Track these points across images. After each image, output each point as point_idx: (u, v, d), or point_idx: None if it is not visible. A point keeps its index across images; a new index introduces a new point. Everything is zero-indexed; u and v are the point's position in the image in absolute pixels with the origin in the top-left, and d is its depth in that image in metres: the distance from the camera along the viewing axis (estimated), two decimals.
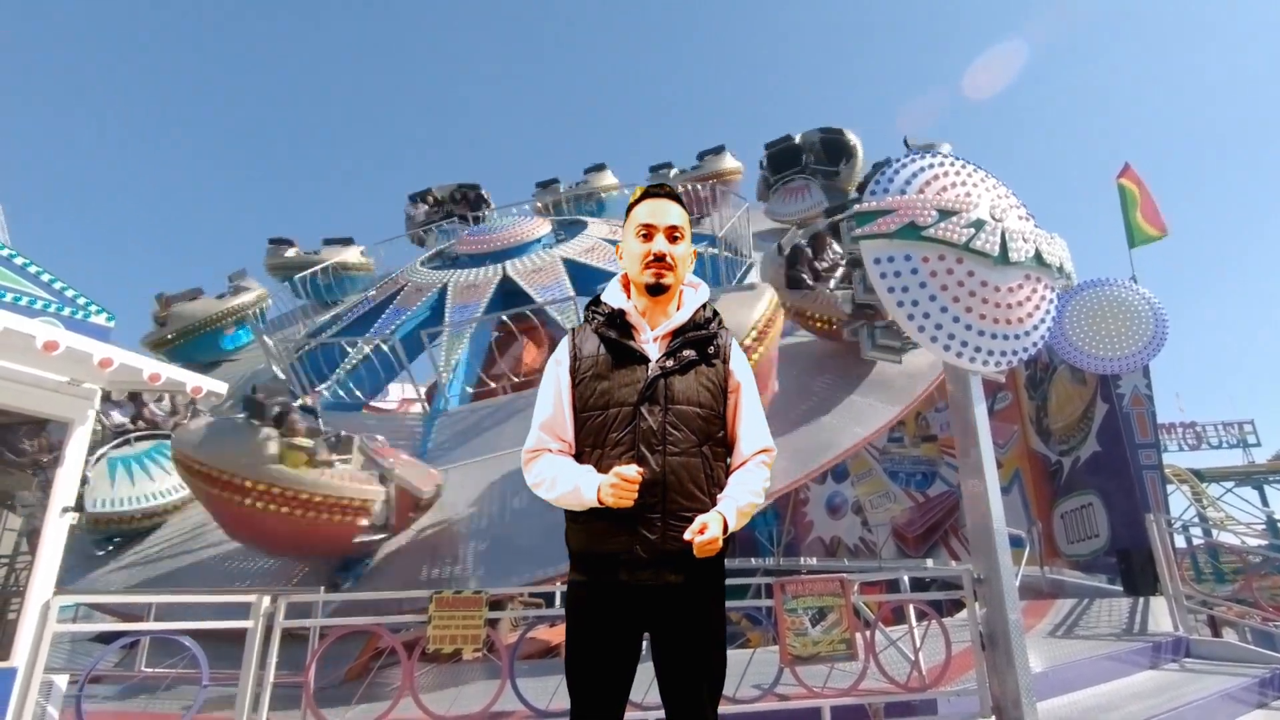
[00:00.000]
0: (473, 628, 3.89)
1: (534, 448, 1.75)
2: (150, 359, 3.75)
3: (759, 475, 1.74)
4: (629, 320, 1.80)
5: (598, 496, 1.59)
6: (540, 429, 1.76)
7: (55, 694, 3.54)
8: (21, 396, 3.49)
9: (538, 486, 1.71)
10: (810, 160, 12.25)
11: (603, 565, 1.66)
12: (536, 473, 1.72)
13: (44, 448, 3.75)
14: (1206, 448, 25.76)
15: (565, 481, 1.65)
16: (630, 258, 1.82)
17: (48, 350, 3.18)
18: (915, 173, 4.21)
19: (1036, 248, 4.15)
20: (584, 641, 1.68)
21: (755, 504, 1.70)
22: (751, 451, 1.76)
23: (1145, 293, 7.80)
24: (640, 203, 1.85)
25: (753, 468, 1.75)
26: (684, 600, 1.65)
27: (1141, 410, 8.85)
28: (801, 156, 12.38)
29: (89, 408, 3.75)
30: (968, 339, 4.01)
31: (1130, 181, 9.65)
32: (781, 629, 3.94)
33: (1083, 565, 9.75)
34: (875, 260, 4.04)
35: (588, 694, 1.66)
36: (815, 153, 12.27)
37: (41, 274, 3.89)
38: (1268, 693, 5.05)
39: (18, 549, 3.69)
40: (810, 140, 12.42)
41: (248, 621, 3.80)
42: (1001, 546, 3.98)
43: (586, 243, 11.31)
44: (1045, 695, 4.41)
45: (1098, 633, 6.29)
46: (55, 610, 3.46)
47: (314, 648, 3.95)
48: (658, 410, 1.67)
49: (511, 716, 3.87)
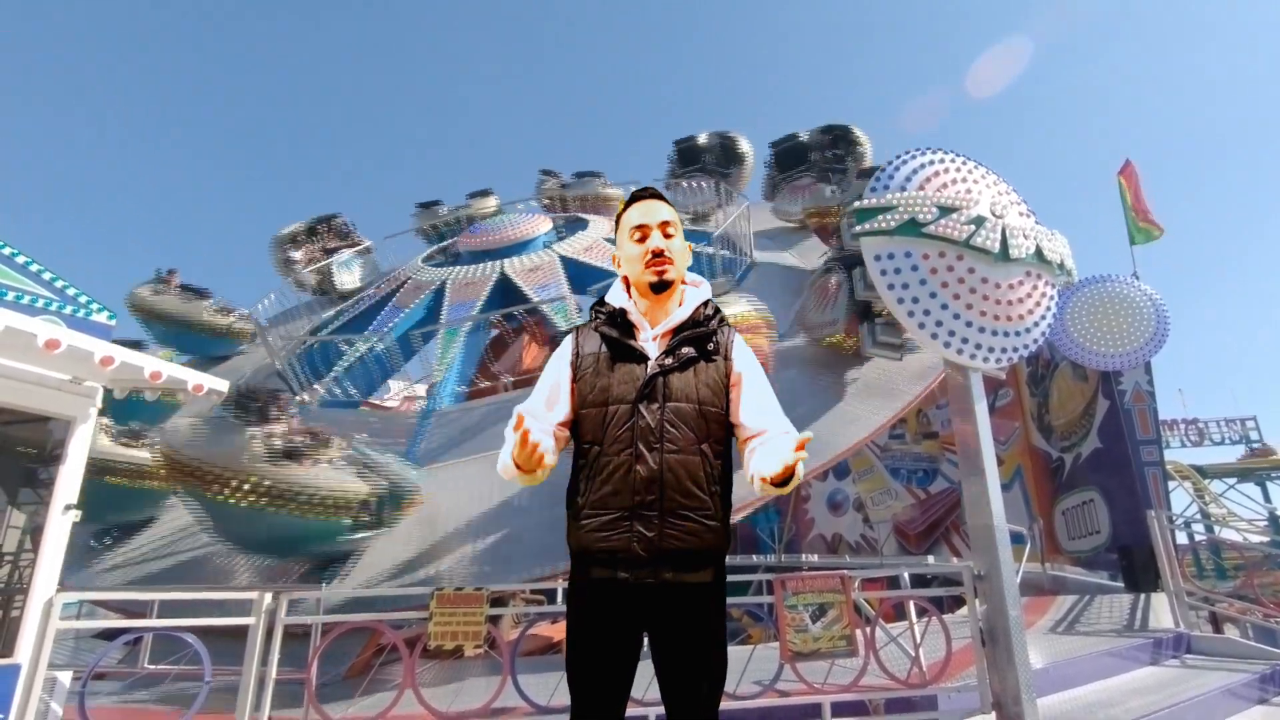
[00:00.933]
0: (474, 624, 3.90)
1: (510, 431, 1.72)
2: (151, 357, 3.75)
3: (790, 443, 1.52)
4: (630, 319, 1.81)
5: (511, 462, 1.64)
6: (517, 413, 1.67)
7: (59, 690, 3.56)
8: (23, 395, 3.50)
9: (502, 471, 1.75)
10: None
11: (602, 563, 1.66)
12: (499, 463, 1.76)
13: (46, 445, 3.76)
14: (1209, 444, 25.71)
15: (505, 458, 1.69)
16: (628, 260, 1.82)
17: (49, 349, 3.19)
18: (916, 169, 4.21)
19: (1037, 244, 4.15)
20: (584, 640, 1.68)
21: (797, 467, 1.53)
22: (779, 431, 1.69)
23: (1147, 289, 7.79)
24: (629, 208, 1.87)
25: (783, 438, 1.64)
26: (683, 599, 1.65)
27: (1143, 406, 8.85)
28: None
29: (90, 406, 3.76)
30: (968, 336, 4.01)
31: (1124, 180, 9.65)
32: (782, 625, 3.94)
33: (1084, 562, 9.75)
34: (876, 257, 4.04)
35: (588, 692, 1.66)
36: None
37: (43, 272, 3.90)
38: (1268, 689, 5.04)
39: (21, 546, 3.71)
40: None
41: (250, 618, 3.81)
42: (1002, 543, 3.97)
43: (586, 241, 11.30)
44: (1045, 691, 4.41)
45: (1098, 629, 6.29)
46: (58, 607, 3.48)
47: (315, 644, 3.96)
48: (655, 408, 1.67)
49: (513, 713, 3.88)
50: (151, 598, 5.35)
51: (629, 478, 1.63)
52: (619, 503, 1.63)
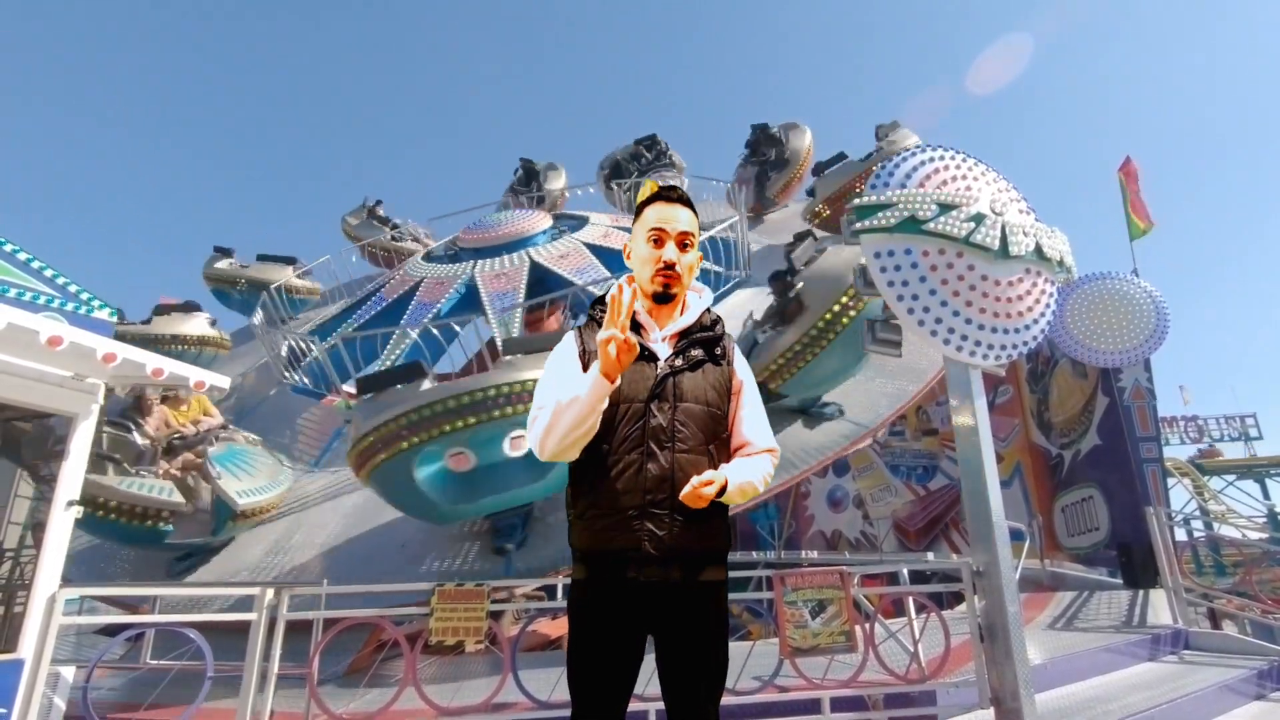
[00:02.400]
0: (475, 620, 3.92)
1: (531, 418, 1.70)
2: (152, 354, 3.75)
3: (763, 463, 1.76)
4: (638, 319, 1.80)
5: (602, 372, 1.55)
6: (538, 407, 1.69)
7: (62, 685, 3.58)
8: (26, 391, 3.50)
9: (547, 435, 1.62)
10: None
11: (610, 563, 1.65)
12: (535, 433, 1.65)
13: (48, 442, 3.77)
14: (1208, 441, 25.74)
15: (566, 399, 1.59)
16: (639, 261, 1.81)
17: (52, 345, 3.20)
18: (916, 166, 4.21)
19: (1037, 241, 4.15)
20: (587, 641, 1.67)
21: (755, 487, 1.71)
22: (759, 448, 1.78)
23: (1147, 286, 7.79)
24: (651, 204, 1.82)
25: (757, 458, 1.76)
26: (689, 598, 1.65)
27: (1143, 404, 8.85)
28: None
29: (93, 402, 3.77)
30: (968, 333, 4.01)
31: (1124, 177, 9.65)
32: (781, 621, 3.96)
33: (1083, 558, 9.77)
34: (875, 254, 4.04)
35: (590, 695, 1.65)
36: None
37: (45, 269, 3.91)
38: (1266, 685, 5.06)
39: (23, 543, 3.72)
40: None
41: (251, 614, 3.83)
42: (1001, 540, 3.98)
43: (599, 230, 11.28)
44: (1044, 687, 4.43)
45: (1097, 625, 6.31)
46: (61, 603, 3.49)
47: (317, 639, 3.98)
48: (667, 408, 1.68)
49: (513, 708, 3.89)
50: (153, 593, 5.36)
51: (640, 476, 1.63)
52: (630, 501, 1.63)
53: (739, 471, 1.68)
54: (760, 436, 1.79)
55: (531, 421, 1.70)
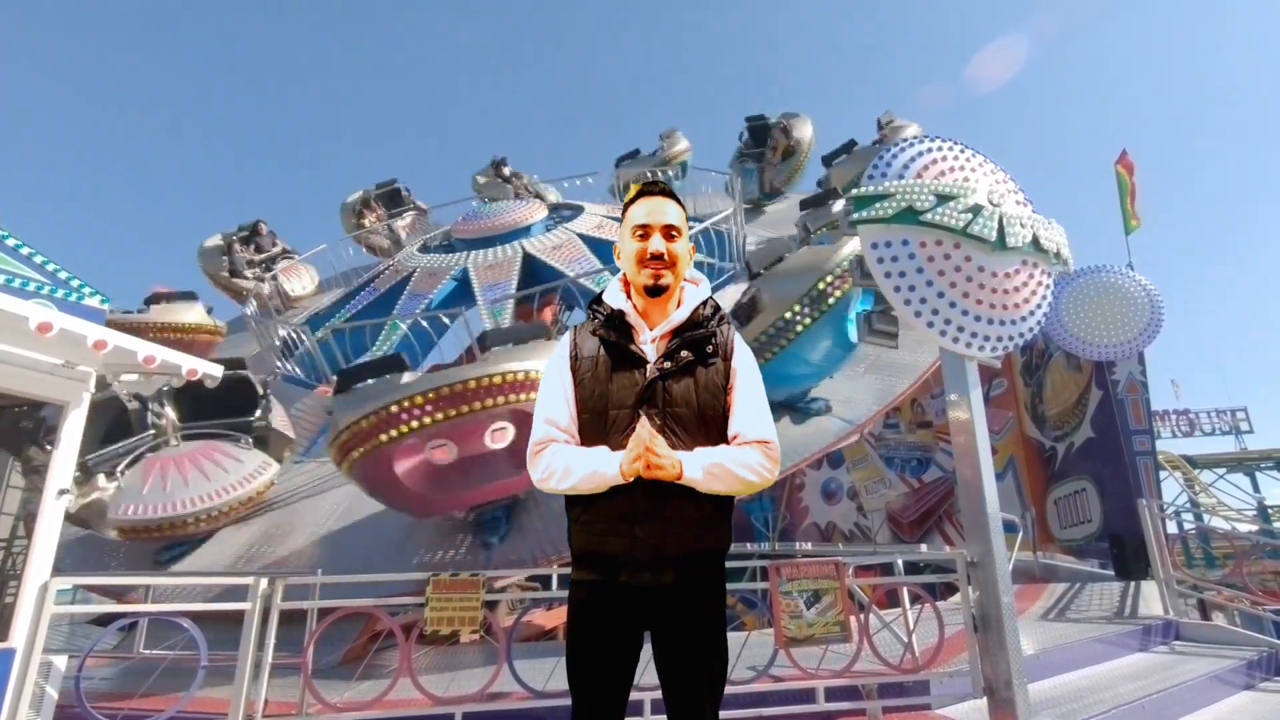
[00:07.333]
0: (470, 610, 3.91)
1: (540, 440, 1.72)
2: (144, 341, 3.71)
3: (745, 453, 1.65)
4: (628, 321, 1.78)
5: (620, 472, 1.57)
6: (545, 422, 1.73)
7: (54, 675, 3.56)
8: (16, 379, 3.47)
9: (547, 479, 1.67)
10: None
11: (604, 566, 1.65)
12: (545, 465, 1.67)
13: (39, 430, 3.74)
14: (1200, 434, 25.94)
15: (580, 466, 1.62)
16: (627, 258, 1.79)
17: (42, 332, 3.16)
18: (913, 157, 4.18)
19: (1034, 233, 4.14)
20: (585, 641, 1.67)
21: (730, 472, 1.62)
22: (749, 439, 1.68)
23: (1141, 279, 7.81)
24: (635, 202, 1.81)
25: (743, 448, 1.67)
26: (685, 601, 1.65)
27: (1136, 397, 8.89)
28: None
29: (84, 390, 3.73)
30: (964, 324, 4.00)
31: (1124, 169, 9.66)
32: (777, 612, 3.96)
33: (1075, 550, 9.84)
34: (872, 245, 4.02)
35: (589, 694, 1.66)
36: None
37: (34, 256, 3.86)
38: (1255, 674, 5.12)
39: (14, 532, 3.69)
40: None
41: (245, 604, 3.81)
42: (995, 531, 4.00)
43: (593, 221, 11.23)
44: (1036, 677, 4.47)
45: (1089, 616, 6.35)
46: (53, 593, 3.47)
47: (311, 629, 3.97)
48: (655, 414, 1.65)
49: (509, 697, 3.90)
50: (146, 582, 5.35)
51: (630, 482, 1.61)
52: (621, 506, 1.62)
53: (704, 456, 1.62)
54: (750, 428, 1.69)
55: (536, 450, 1.71)
